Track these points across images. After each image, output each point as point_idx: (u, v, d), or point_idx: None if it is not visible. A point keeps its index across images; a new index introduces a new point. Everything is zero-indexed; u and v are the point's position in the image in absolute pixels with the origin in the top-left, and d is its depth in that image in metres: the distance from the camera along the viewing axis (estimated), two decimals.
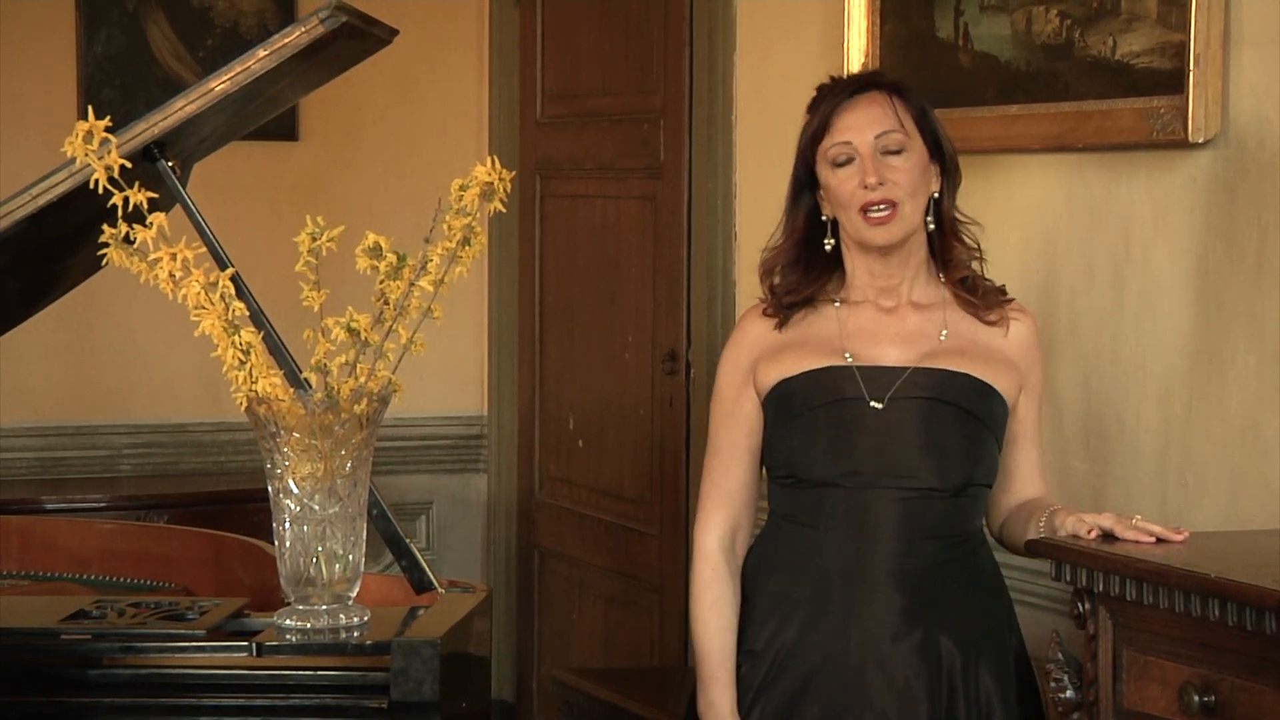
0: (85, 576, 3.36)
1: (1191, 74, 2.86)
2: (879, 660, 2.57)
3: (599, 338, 4.71)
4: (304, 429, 2.37)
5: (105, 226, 2.38)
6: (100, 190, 2.39)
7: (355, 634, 2.43)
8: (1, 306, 3.19)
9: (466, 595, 2.71)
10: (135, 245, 2.38)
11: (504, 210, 2.45)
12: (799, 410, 2.62)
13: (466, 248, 2.43)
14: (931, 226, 2.66)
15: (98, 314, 4.73)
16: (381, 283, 2.41)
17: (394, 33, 2.92)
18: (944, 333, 2.65)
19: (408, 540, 2.74)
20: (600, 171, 4.70)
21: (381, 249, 2.40)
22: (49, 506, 4.44)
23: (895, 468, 2.59)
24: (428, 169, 4.92)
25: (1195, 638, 2.33)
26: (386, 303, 2.41)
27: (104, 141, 2.40)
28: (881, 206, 2.60)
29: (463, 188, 2.42)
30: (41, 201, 2.73)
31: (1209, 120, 2.87)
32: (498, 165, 2.44)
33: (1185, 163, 2.95)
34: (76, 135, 2.39)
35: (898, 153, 2.62)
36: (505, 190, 2.44)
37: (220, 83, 2.71)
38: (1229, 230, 2.89)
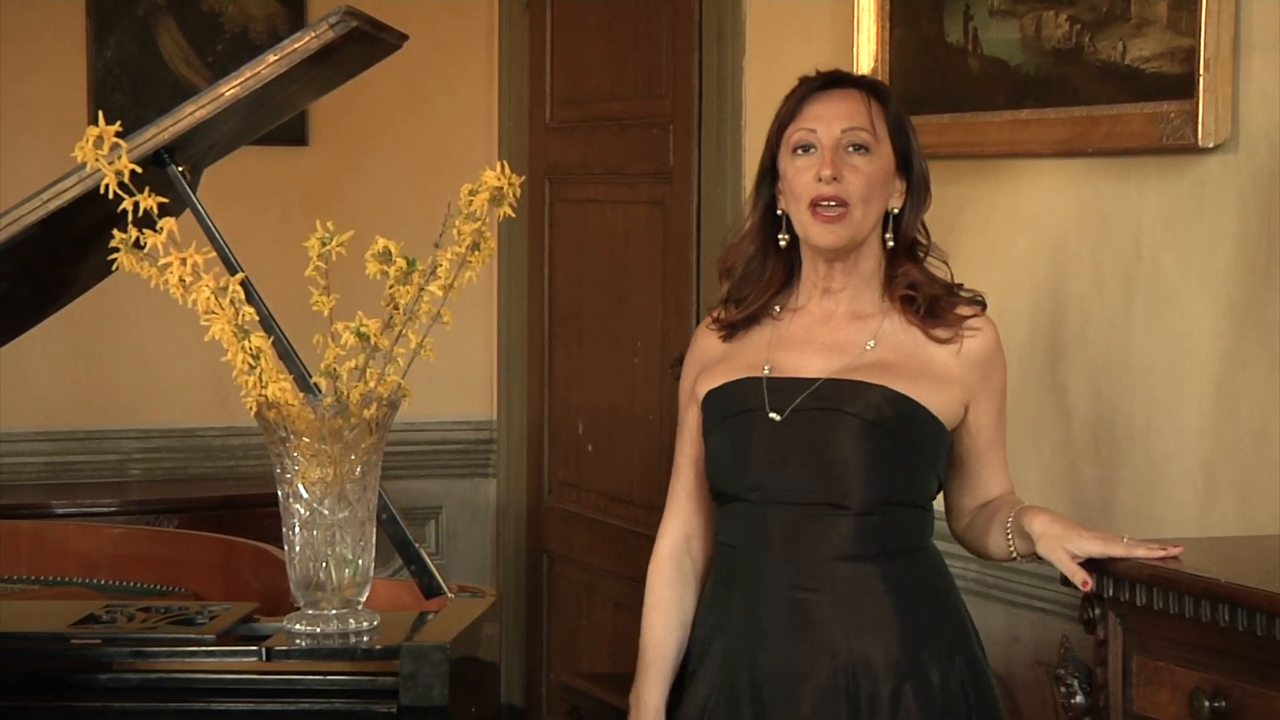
0: (95, 581, 3.36)
1: (1202, 79, 2.86)
2: (789, 692, 2.47)
3: (608, 342, 4.71)
4: (314, 434, 2.38)
5: (115, 231, 2.38)
6: (110, 195, 2.40)
7: (365, 639, 2.43)
8: (12, 311, 3.20)
9: (476, 600, 2.71)
10: (145, 250, 2.38)
11: (513, 215, 2.45)
12: (714, 423, 2.56)
13: (476, 252, 2.43)
14: (891, 244, 2.55)
15: (108, 319, 4.74)
16: (391, 287, 2.41)
17: (404, 38, 2.93)
18: (871, 343, 2.53)
19: (417, 545, 2.74)
20: (609, 176, 4.70)
21: (391, 254, 2.40)
22: (59, 511, 4.45)
23: (792, 482, 2.48)
24: (437, 174, 4.92)
25: (1206, 643, 2.32)
26: (396, 307, 2.41)
27: (114, 146, 2.40)
28: (832, 203, 2.49)
29: (472, 192, 2.42)
30: (52, 206, 2.73)
31: (1219, 125, 2.86)
32: (507, 170, 2.44)
33: (1195, 168, 2.94)
34: (87, 140, 2.40)
35: (862, 152, 2.51)
36: (515, 195, 2.44)
37: (230, 88, 2.72)
38: (1239, 235, 2.88)
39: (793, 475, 2.48)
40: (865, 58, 3.56)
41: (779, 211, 2.56)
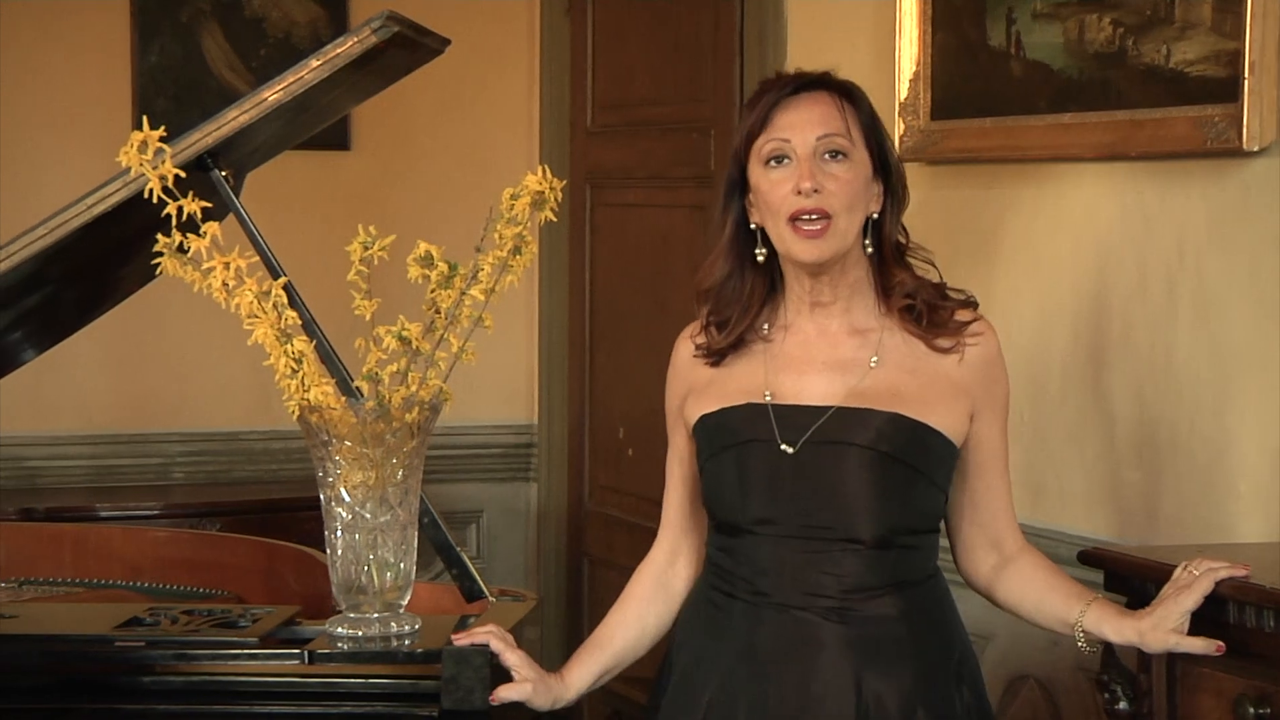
0: (139, 584, 3.38)
1: (1246, 82, 2.84)
2: None
3: (649, 346, 4.70)
4: (355, 437, 2.38)
5: (159, 236, 2.39)
6: (154, 200, 2.41)
7: (406, 642, 2.44)
8: (57, 315, 3.22)
9: (517, 604, 2.72)
10: (189, 254, 2.39)
11: (555, 219, 2.45)
12: (714, 450, 2.42)
13: (518, 256, 2.43)
14: (870, 250, 2.41)
15: (151, 323, 4.76)
16: (433, 291, 2.42)
17: (446, 42, 2.93)
18: (874, 359, 2.40)
19: (458, 548, 2.75)
20: (651, 180, 4.70)
21: (433, 258, 2.41)
22: (103, 514, 4.47)
23: (801, 515, 2.35)
24: (479, 178, 4.93)
25: (1251, 649, 2.31)
26: (438, 311, 2.42)
27: (158, 151, 2.41)
28: (813, 216, 2.35)
29: (514, 197, 2.42)
30: (96, 211, 2.75)
31: (1264, 129, 2.84)
32: (549, 174, 2.44)
33: (1239, 171, 2.93)
34: (131, 145, 2.41)
35: (840, 159, 2.37)
36: (556, 199, 2.44)
37: (273, 93, 2.73)
38: None
39: (802, 509, 2.35)
40: (907, 61, 3.55)
41: (752, 225, 2.42)
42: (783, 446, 2.36)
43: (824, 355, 2.41)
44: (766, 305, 2.46)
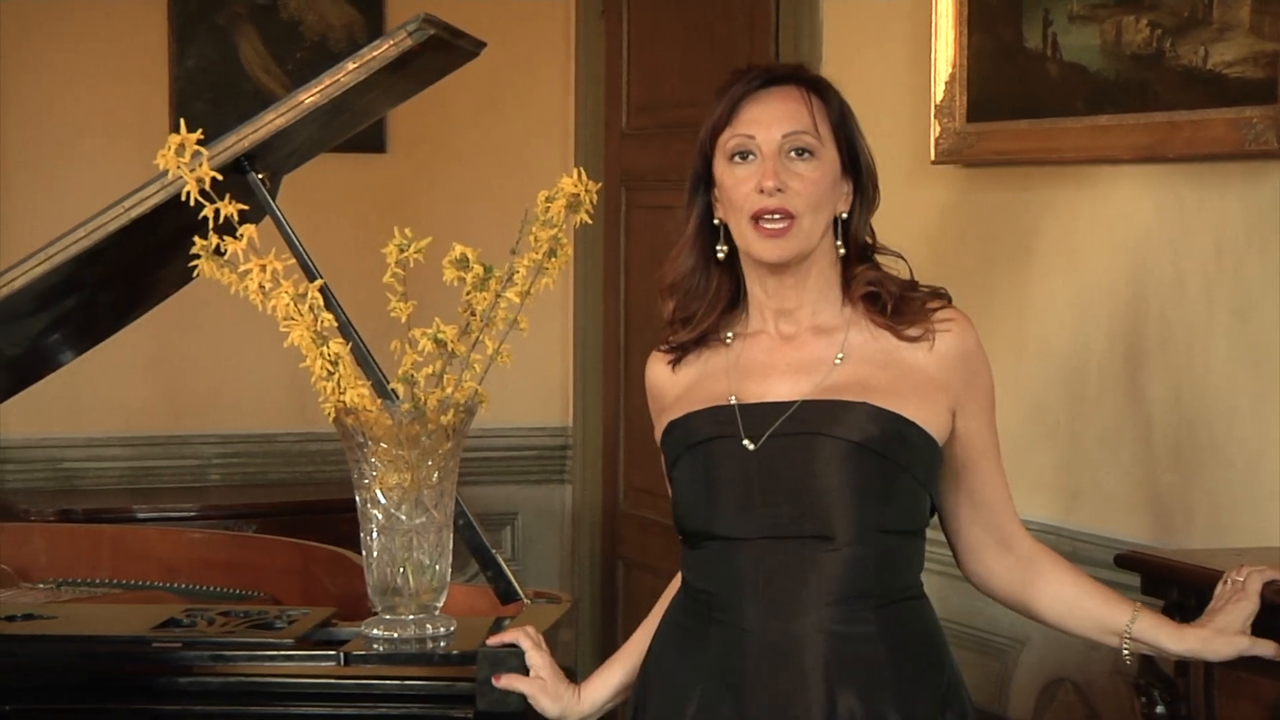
0: (175, 585, 3.39)
1: None
2: None
3: None
4: (391, 439, 2.39)
5: (196, 238, 2.40)
6: (192, 202, 2.42)
7: (442, 644, 2.44)
8: (94, 318, 3.23)
9: (551, 606, 2.72)
10: (226, 257, 2.40)
11: (590, 222, 2.45)
12: (678, 453, 2.31)
13: (552, 259, 2.43)
14: (842, 251, 2.31)
15: (188, 325, 4.78)
16: (468, 294, 2.42)
17: (481, 45, 2.93)
18: (840, 356, 2.28)
19: (493, 550, 2.75)
20: (685, 183, 4.69)
21: (468, 260, 2.41)
22: (140, 515, 4.49)
23: (770, 516, 2.22)
24: (514, 180, 4.94)
25: None
26: (473, 314, 2.42)
27: (195, 154, 2.42)
28: (777, 216, 2.25)
29: (549, 199, 2.43)
30: (134, 213, 2.76)
31: None
32: (584, 177, 2.44)
33: (1278, 173, 2.91)
34: (169, 148, 2.42)
35: (806, 157, 2.27)
36: (591, 202, 2.44)
37: (310, 95, 2.73)
38: None
39: (772, 506, 2.22)
40: (943, 64, 3.54)
41: (715, 221, 2.34)
42: (744, 442, 2.25)
43: (789, 358, 2.30)
44: (732, 310, 2.36)
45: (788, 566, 2.22)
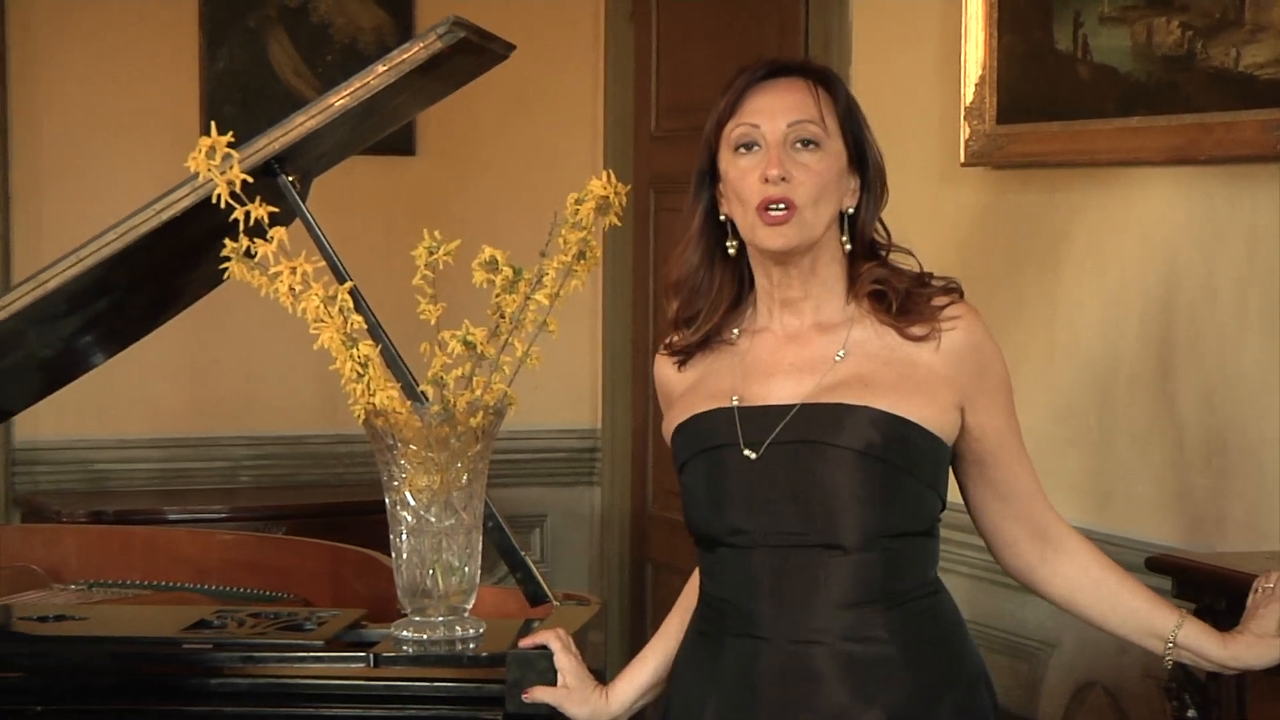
0: (206, 586, 3.40)
1: None
2: None
3: None
4: (421, 441, 2.39)
5: (226, 240, 2.41)
6: (222, 205, 2.42)
7: (471, 645, 2.44)
8: (125, 320, 3.24)
9: (580, 608, 2.72)
10: (256, 259, 2.40)
11: (619, 224, 2.45)
12: (684, 459, 2.30)
13: (582, 261, 2.43)
14: (849, 247, 2.28)
15: (218, 327, 4.80)
16: (498, 296, 2.42)
17: (511, 48, 2.94)
18: (840, 353, 2.25)
19: (522, 552, 2.75)
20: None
21: (498, 262, 2.41)
22: (171, 517, 4.51)
23: (778, 523, 2.20)
24: (544, 183, 4.94)
25: None
26: (503, 316, 2.42)
27: (226, 157, 2.43)
28: (780, 205, 2.22)
29: (578, 201, 2.42)
30: (165, 216, 2.77)
31: None
32: (613, 179, 2.44)
33: None
34: (199, 151, 2.43)
35: (811, 148, 2.24)
36: (621, 204, 2.44)
37: (340, 98, 2.74)
38: None
39: (777, 516, 2.20)
40: (973, 65, 3.54)
41: (721, 216, 2.31)
42: (745, 452, 2.23)
43: (792, 357, 2.28)
44: (736, 308, 2.34)
45: (796, 573, 2.20)
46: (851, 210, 2.28)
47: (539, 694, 2.36)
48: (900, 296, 2.25)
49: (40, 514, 4.61)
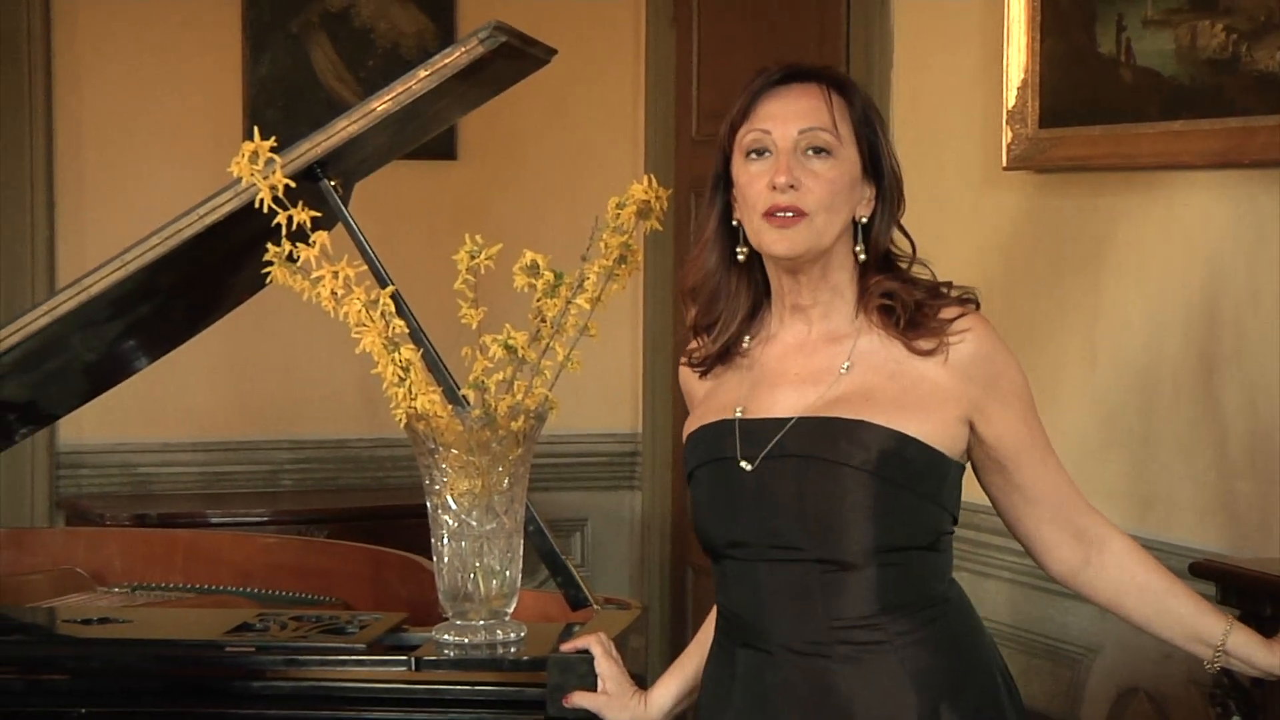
0: (248, 590, 3.41)
1: None
2: None
3: None
4: (462, 445, 2.39)
5: (269, 245, 2.42)
6: (265, 210, 2.43)
7: (512, 649, 2.44)
8: (168, 324, 3.26)
9: (621, 612, 2.72)
10: (298, 264, 2.41)
11: (660, 229, 2.45)
12: (688, 470, 2.32)
13: (623, 265, 2.43)
14: (862, 258, 2.25)
15: (261, 331, 4.81)
16: (539, 300, 2.42)
17: (552, 52, 2.94)
18: (846, 364, 2.23)
19: (563, 556, 2.75)
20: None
21: (539, 267, 2.41)
22: (213, 520, 4.52)
23: (779, 537, 2.18)
24: (585, 187, 4.95)
25: None
26: (544, 320, 2.42)
27: (269, 161, 2.44)
28: (788, 212, 2.19)
29: (619, 206, 2.43)
30: (208, 220, 2.78)
31: None
32: (654, 183, 2.44)
33: None
34: (242, 155, 2.44)
35: (823, 156, 2.21)
36: (662, 208, 2.44)
37: (381, 103, 2.75)
38: None
39: (778, 530, 2.18)
40: (1015, 69, 3.52)
41: (734, 222, 2.28)
42: (741, 464, 2.22)
43: (798, 367, 2.26)
44: (754, 316, 2.32)
45: (795, 587, 2.19)
46: (865, 219, 2.25)
47: (579, 699, 2.37)
48: (909, 310, 2.22)
49: (84, 517, 4.63)
